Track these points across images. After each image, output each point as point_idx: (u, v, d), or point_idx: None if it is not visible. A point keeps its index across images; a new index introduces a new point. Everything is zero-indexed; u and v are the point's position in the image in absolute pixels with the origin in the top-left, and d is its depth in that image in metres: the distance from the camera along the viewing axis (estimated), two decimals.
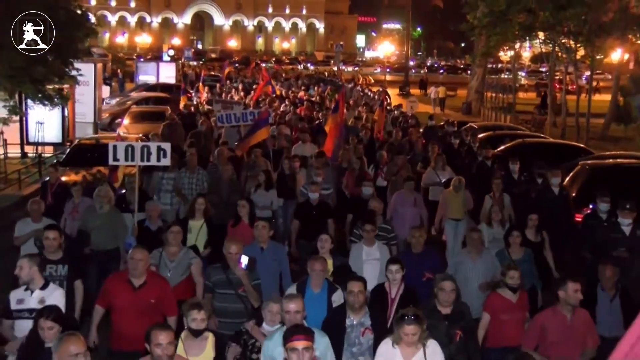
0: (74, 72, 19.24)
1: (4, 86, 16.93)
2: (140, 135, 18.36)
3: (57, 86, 19.14)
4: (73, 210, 11.13)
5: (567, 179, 12.72)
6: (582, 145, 19.35)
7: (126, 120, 23.79)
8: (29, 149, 21.82)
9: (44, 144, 21.45)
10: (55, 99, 18.61)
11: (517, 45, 35.08)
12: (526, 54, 60.71)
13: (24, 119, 20.85)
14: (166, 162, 11.00)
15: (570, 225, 10.94)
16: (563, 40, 28.28)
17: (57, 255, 8.24)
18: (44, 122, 20.93)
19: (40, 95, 17.43)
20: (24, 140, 21.51)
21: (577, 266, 9.97)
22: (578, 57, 28.81)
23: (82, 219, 10.45)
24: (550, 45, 29.75)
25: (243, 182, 13.35)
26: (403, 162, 14.24)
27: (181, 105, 24.62)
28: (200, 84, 34.07)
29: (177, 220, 10.56)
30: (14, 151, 21.03)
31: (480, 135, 19.09)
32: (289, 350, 5.32)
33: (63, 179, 14.29)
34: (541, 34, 29.83)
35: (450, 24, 36.09)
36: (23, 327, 6.88)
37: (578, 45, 27.79)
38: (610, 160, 14.62)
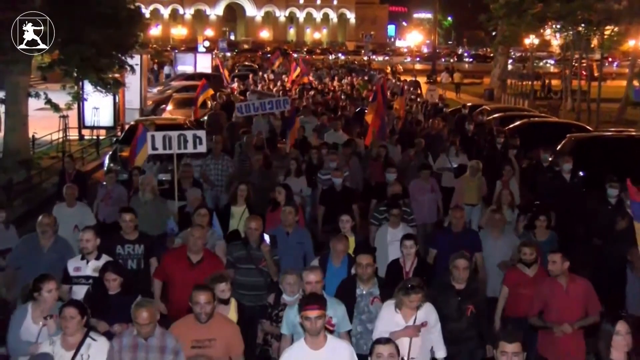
0: (130, 61, 21.44)
1: (72, 75, 19.21)
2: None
3: (110, 75, 21.39)
4: (105, 196, 11.55)
5: (557, 150, 14.18)
6: (584, 124, 20.88)
7: (170, 107, 25.93)
8: (84, 132, 24.26)
9: (99, 127, 23.83)
10: (110, 86, 20.82)
11: (547, 33, 36.13)
12: (556, 42, 61.43)
13: (81, 105, 23.15)
14: (202, 149, 11.28)
15: (581, 211, 10.92)
16: (578, 29, 29.70)
17: (134, 235, 8.67)
18: (99, 108, 23.28)
19: (101, 82, 19.65)
20: (81, 124, 23.94)
21: (587, 252, 10.14)
22: (592, 45, 30.18)
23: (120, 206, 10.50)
24: (565, 34, 31.19)
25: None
26: (416, 151, 14.40)
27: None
28: (226, 71, 34.71)
29: (224, 206, 11.03)
30: (72, 134, 23.40)
31: (494, 116, 20.72)
32: (304, 318, 5.70)
33: (123, 154, 16.35)
34: (555, 24, 31.27)
35: (480, 14, 37.45)
36: (79, 292, 7.60)
37: (589, 33, 29.19)
38: (594, 133, 16.25)
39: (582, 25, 28.99)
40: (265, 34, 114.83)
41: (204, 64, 44.06)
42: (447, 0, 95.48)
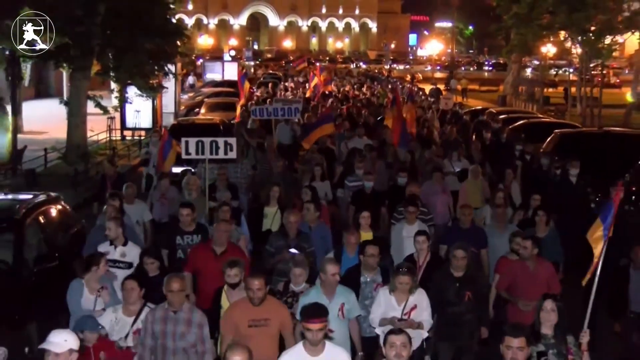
0: (171, 68, 23.98)
1: (122, 79, 21.71)
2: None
3: (154, 81, 23.81)
4: (161, 197, 12.03)
5: (545, 144, 16.08)
6: (576, 124, 23.05)
7: (203, 110, 28.30)
8: (126, 133, 26.81)
9: (140, 129, 26.21)
10: (155, 90, 23.31)
11: (567, 42, 37.80)
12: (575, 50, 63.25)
13: (123, 108, 25.57)
14: (232, 155, 11.67)
15: (587, 214, 10.61)
16: (580, 38, 31.80)
17: (192, 227, 9.33)
18: (140, 111, 25.72)
19: (147, 87, 22.13)
20: (123, 125, 26.44)
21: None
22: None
23: (174, 206, 10.99)
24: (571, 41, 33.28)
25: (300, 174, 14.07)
26: (432, 154, 14.97)
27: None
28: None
29: (254, 206, 11.92)
30: (114, 135, 25.99)
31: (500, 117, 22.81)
32: (305, 329, 5.80)
33: None
34: (562, 34, 33.33)
35: (500, 23, 39.74)
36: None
37: (593, 42, 31.24)
38: (578, 129, 18.35)
39: (585, 34, 30.96)
40: (288, 44, 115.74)
41: (231, 72, 46.43)
42: (468, 9, 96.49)
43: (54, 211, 10.05)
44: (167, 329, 6.62)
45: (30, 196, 10.01)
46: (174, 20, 25.58)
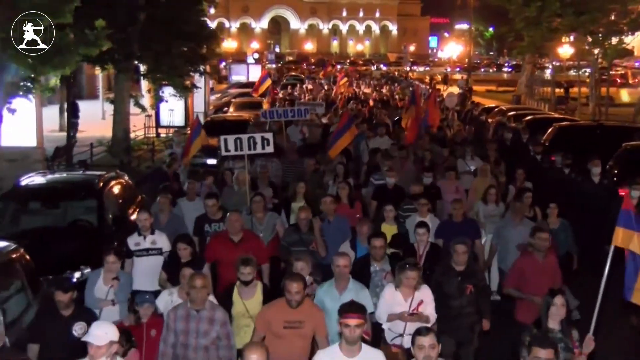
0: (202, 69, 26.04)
1: (158, 80, 23.68)
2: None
3: (188, 81, 25.73)
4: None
5: (545, 136, 17.47)
6: (577, 119, 24.74)
7: (231, 109, 30.17)
8: (160, 131, 28.87)
9: (173, 127, 28.08)
10: (189, 89, 25.29)
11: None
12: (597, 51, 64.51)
13: (158, 107, 27.54)
14: (270, 149, 11.91)
15: (608, 214, 10.39)
16: (588, 39, 33.38)
17: (218, 215, 10.01)
18: (174, 110, 27.69)
19: (182, 86, 24.08)
20: (158, 123, 28.50)
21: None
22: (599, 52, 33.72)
23: (222, 197, 11.37)
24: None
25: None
26: (448, 153, 15.20)
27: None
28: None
29: (282, 201, 11.95)
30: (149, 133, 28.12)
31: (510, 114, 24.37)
32: (343, 325, 5.71)
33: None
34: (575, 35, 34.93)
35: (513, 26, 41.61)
36: (141, 263, 8.95)
37: (598, 43, 32.79)
38: (575, 122, 20.01)
39: (592, 36, 32.49)
40: (309, 46, 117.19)
41: (255, 73, 48.36)
42: (486, 11, 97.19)
43: (122, 185, 11.96)
44: (190, 327, 6.66)
45: (103, 172, 12.01)
46: (209, 24, 27.55)
